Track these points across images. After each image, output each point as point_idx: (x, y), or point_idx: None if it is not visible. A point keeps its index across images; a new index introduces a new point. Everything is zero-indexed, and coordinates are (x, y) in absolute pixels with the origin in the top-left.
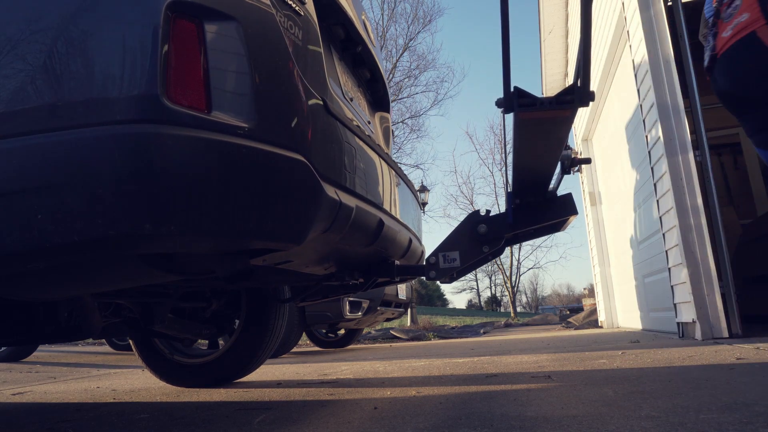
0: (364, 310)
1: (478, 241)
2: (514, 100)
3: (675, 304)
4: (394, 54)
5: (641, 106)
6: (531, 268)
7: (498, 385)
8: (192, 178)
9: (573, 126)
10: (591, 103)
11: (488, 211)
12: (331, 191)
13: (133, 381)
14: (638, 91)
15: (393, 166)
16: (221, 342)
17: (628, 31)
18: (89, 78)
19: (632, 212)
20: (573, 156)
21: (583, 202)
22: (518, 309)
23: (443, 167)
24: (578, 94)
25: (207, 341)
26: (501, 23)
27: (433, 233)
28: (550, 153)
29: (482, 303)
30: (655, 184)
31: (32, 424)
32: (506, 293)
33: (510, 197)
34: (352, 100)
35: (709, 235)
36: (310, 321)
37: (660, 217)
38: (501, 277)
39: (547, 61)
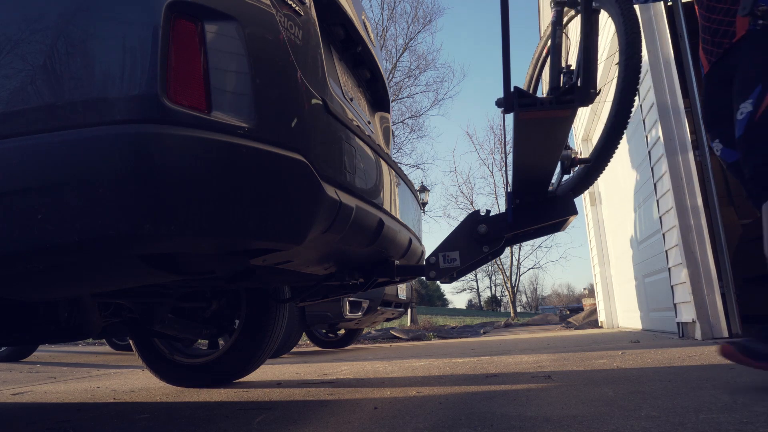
0: (364, 310)
1: (478, 241)
2: (514, 100)
3: (675, 304)
4: (394, 54)
5: (641, 106)
6: (531, 268)
7: (498, 385)
8: (192, 178)
9: (573, 126)
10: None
11: (488, 211)
12: (331, 191)
13: (133, 381)
14: (638, 91)
15: (393, 166)
16: (221, 342)
17: None
18: (89, 78)
19: (632, 212)
20: (573, 156)
21: (583, 202)
22: (518, 309)
23: (443, 167)
24: (578, 94)
25: (207, 341)
26: (501, 23)
27: (433, 233)
28: (550, 153)
29: (482, 303)
30: (655, 184)
31: (32, 424)
32: (506, 293)
33: (510, 197)
34: (352, 100)
35: (709, 235)
36: (310, 321)
37: (660, 217)
38: (501, 277)
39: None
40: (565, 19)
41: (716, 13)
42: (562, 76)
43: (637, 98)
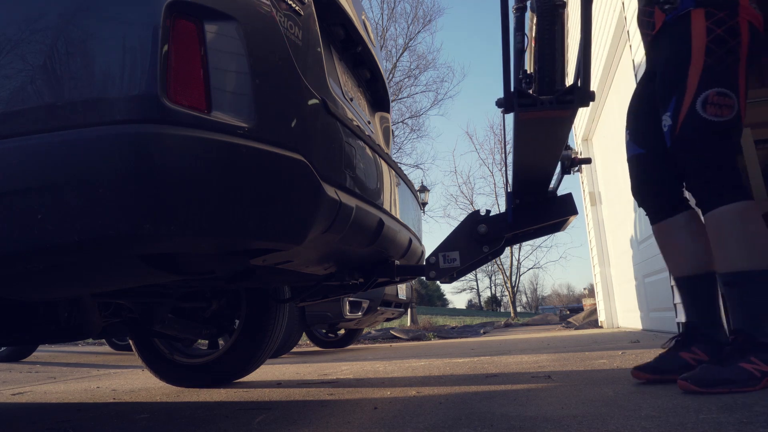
0: (364, 310)
1: (478, 241)
2: (514, 100)
3: (675, 304)
4: (394, 54)
5: None
6: (531, 268)
7: (498, 385)
8: (192, 178)
9: (573, 126)
10: (591, 103)
11: (488, 211)
12: (331, 191)
13: (133, 381)
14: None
15: (393, 166)
16: (221, 342)
17: (628, 31)
18: (89, 78)
19: (632, 212)
20: (573, 156)
21: (583, 202)
22: (518, 309)
23: (443, 167)
24: (578, 94)
25: (207, 341)
26: (501, 23)
27: (433, 233)
28: (550, 153)
29: (482, 303)
30: None
31: (32, 424)
32: (506, 293)
33: (510, 197)
34: (352, 100)
35: None
36: (310, 321)
37: None
38: (501, 277)
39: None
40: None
41: (642, 4)
42: (523, 82)
43: None
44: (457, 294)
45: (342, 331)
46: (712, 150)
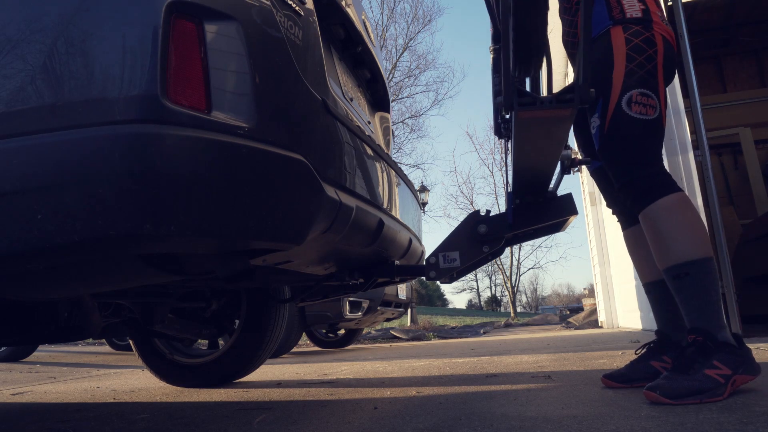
0: (364, 310)
1: (478, 241)
2: (513, 99)
3: None
4: (394, 54)
5: None
6: (531, 268)
7: (498, 385)
8: (192, 178)
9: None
10: (591, 102)
11: (488, 211)
12: (331, 191)
13: (133, 381)
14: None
15: (393, 166)
16: (221, 342)
17: None
18: (89, 78)
19: None
20: (573, 156)
21: (583, 202)
22: (518, 309)
23: (443, 167)
24: (578, 93)
25: (207, 341)
26: (501, 23)
27: (433, 233)
28: (550, 153)
29: (482, 303)
30: None
31: (32, 424)
32: (506, 293)
33: (510, 197)
34: (352, 100)
35: (709, 234)
36: (310, 321)
37: None
38: (501, 277)
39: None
40: None
41: (566, 25)
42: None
43: None
44: (457, 294)
45: (342, 331)
46: (640, 147)
